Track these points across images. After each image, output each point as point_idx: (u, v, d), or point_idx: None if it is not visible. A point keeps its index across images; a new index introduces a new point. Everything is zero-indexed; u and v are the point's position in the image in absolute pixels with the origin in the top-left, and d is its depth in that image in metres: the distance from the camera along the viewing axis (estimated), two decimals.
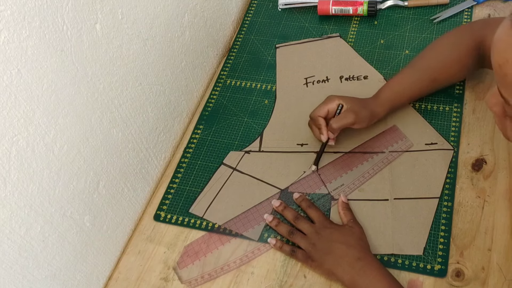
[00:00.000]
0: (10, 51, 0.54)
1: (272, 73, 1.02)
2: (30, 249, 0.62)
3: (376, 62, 0.99)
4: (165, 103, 0.89)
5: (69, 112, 0.65)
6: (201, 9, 0.96)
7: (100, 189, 0.74)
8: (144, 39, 0.79)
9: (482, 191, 0.80)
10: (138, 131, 0.82)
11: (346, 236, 0.75)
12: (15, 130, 0.56)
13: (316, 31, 1.07)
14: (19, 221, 0.60)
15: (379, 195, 0.81)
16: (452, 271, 0.73)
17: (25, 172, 0.59)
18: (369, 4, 1.05)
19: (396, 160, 0.84)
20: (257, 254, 0.78)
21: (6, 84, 0.54)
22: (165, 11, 0.84)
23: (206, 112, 0.98)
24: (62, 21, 0.60)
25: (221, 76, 1.04)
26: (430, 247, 0.75)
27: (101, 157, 0.73)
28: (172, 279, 0.78)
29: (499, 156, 0.83)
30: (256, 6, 1.15)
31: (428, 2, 1.06)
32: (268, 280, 0.76)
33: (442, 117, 0.89)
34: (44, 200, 0.63)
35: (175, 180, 0.89)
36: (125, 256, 0.82)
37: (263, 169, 0.87)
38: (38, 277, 0.65)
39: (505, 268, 0.72)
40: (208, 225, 0.83)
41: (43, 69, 0.59)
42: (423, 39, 1.01)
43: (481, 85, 0.92)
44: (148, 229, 0.84)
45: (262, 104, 0.97)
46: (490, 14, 1.03)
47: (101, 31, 0.68)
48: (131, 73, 0.77)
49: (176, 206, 0.86)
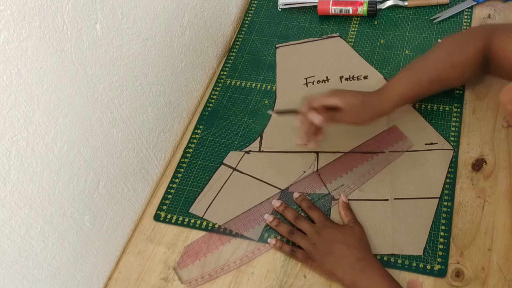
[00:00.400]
0: (10, 51, 0.54)
1: (272, 73, 1.02)
2: (30, 249, 0.62)
3: (376, 62, 0.99)
4: (165, 103, 0.89)
5: (69, 112, 0.65)
6: (201, 9, 0.96)
7: (100, 189, 0.74)
8: (144, 39, 0.79)
9: (482, 191, 0.79)
10: (138, 131, 0.82)
11: (346, 236, 0.75)
12: (15, 130, 0.56)
13: (316, 31, 1.07)
14: (19, 221, 0.60)
15: (379, 195, 0.81)
16: (452, 271, 0.73)
17: (25, 172, 0.59)
18: (369, 4, 1.05)
19: (396, 160, 0.84)
20: (257, 254, 0.78)
21: (6, 84, 0.54)
22: (165, 11, 0.84)
23: (206, 112, 0.98)
24: (62, 21, 0.60)
25: (221, 76, 1.04)
26: (430, 247, 0.75)
27: (101, 157, 0.73)
28: (172, 279, 0.78)
29: (499, 156, 0.83)
30: (256, 6, 1.15)
31: (428, 2, 1.06)
32: (268, 280, 0.76)
33: (442, 117, 0.89)
34: (44, 200, 0.63)
35: (175, 180, 0.89)
36: (125, 256, 0.82)
37: (263, 169, 0.87)
38: (38, 277, 0.65)
39: (505, 268, 0.72)
40: (208, 225, 0.83)
41: (43, 69, 0.59)
42: (423, 39, 1.01)
43: (481, 85, 0.92)
44: (148, 229, 0.84)
45: (262, 104, 0.97)
46: (490, 14, 1.03)
47: (101, 31, 0.68)
48: (131, 73, 0.77)
49: (176, 206, 0.86)
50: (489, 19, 1.02)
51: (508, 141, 0.84)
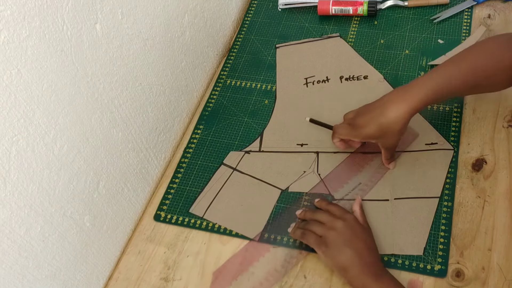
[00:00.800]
0: (10, 51, 0.54)
1: (272, 73, 1.02)
2: (30, 249, 0.62)
3: (376, 62, 0.99)
4: (165, 103, 0.89)
5: (69, 112, 0.65)
6: (201, 9, 0.96)
7: (100, 189, 0.74)
8: (144, 39, 0.79)
9: (482, 191, 0.79)
10: (138, 131, 0.82)
11: (366, 235, 0.72)
12: (15, 130, 0.56)
13: (316, 31, 1.07)
14: (19, 221, 0.60)
15: (379, 195, 0.81)
16: (452, 271, 0.73)
17: (25, 172, 0.59)
18: (369, 4, 1.05)
19: (396, 160, 0.84)
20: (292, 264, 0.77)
21: (6, 84, 0.54)
22: (165, 11, 0.84)
23: (206, 112, 0.98)
24: (62, 21, 0.60)
25: (221, 76, 1.04)
26: (430, 247, 0.75)
27: (101, 157, 0.73)
28: (172, 279, 0.78)
29: (499, 156, 0.83)
30: (256, 6, 1.15)
31: (428, 2, 1.06)
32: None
33: (442, 117, 0.89)
34: (44, 200, 0.63)
35: (175, 180, 0.89)
36: (125, 256, 0.82)
37: (263, 169, 0.87)
38: (38, 277, 0.65)
39: (505, 268, 0.72)
40: (208, 225, 0.83)
41: (43, 69, 0.59)
42: (423, 39, 1.01)
43: None
44: (148, 229, 0.84)
45: (262, 104, 0.97)
46: (490, 14, 1.03)
47: (101, 31, 0.68)
48: (131, 73, 0.77)
49: (176, 206, 0.86)
50: (489, 19, 1.02)
51: (508, 141, 0.84)
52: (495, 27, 1.01)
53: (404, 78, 0.96)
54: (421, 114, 0.89)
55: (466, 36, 1.00)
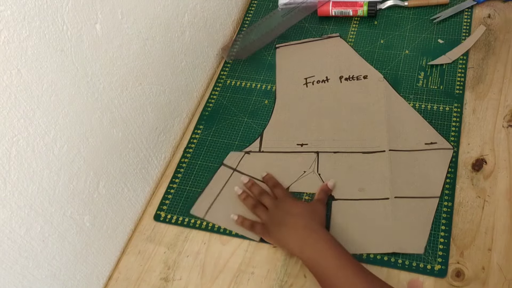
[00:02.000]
0: (10, 51, 0.54)
1: (272, 73, 1.02)
2: (30, 249, 0.62)
3: (376, 62, 0.99)
4: (165, 103, 0.89)
5: (69, 112, 0.65)
6: (201, 9, 0.96)
7: (100, 189, 0.74)
8: (144, 39, 0.79)
9: (482, 191, 0.80)
10: (138, 131, 0.82)
11: (302, 209, 0.76)
12: (15, 130, 0.56)
13: (316, 31, 1.07)
14: (19, 221, 0.60)
15: (379, 194, 0.81)
16: (452, 271, 0.73)
17: (25, 172, 0.59)
18: (369, 5, 1.05)
19: (396, 160, 0.84)
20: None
21: (6, 84, 0.54)
22: (165, 11, 0.84)
23: (206, 112, 0.98)
24: (62, 21, 0.60)
25: (221, 76, 1.04)
26: (430, 247, 0.75)
27: (101, 157, 0.73)
28: (172, 279, 0.78)
29: (499, 156, 0.83)
30: (256, 6, 1.15)
31: (428, 2, 1.06)
32: (269, 280, 0.76)
33: (442, 117, 0.89)
34: (44, 200, 0.63)
35: (175, 180, 0.89)
36: (125, 256, 0.82)
37: (263, 170, 0.87)
38: (38, 277, 0.65)
39: (505, 268, 0.72)
40: (209, 225, 0.83)
41: (43, 69, 0.59)
42: (423, 39, 1.01)
43: (481, 85, 0.92)
44: (148, 229, 0.84)
45: (262, 104, 0.97)
46: (490, 14, 1.03)
47: (101, 31, 0.68)
48: (131, 73, 0.77)
49: (176, 206, 0.86)
50: (489, 19, 1.02)
51: (508, 141, 0.84)
52: (495, 27, 1.01)
53: (404, 78, 0.95)
54: (421, 114, 0.89)
55: (466, 36, 1.00)
